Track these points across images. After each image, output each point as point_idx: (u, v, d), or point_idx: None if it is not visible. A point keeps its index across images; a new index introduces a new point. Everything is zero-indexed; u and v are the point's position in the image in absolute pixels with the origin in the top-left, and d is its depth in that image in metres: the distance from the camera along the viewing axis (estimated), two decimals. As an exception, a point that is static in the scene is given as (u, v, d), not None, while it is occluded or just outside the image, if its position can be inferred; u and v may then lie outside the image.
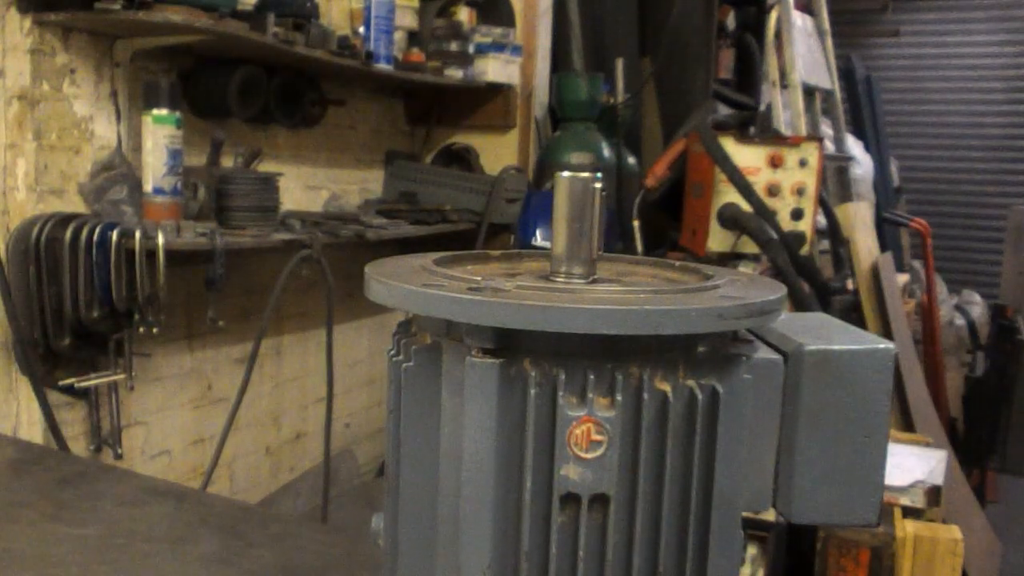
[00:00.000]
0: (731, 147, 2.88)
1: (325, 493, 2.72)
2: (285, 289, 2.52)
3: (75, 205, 2.29)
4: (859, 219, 3.50)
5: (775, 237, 2.78)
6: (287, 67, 2.80)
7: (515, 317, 0.48)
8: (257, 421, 3.04)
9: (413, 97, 3.62)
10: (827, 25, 4.57)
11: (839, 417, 0.55)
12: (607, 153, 3.47)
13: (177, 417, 2.72)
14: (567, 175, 0.56)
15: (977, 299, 5.18)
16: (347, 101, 3.23)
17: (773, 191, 2.91)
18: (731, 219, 2.87)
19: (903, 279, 3.89)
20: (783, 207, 2.92)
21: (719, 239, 2.94)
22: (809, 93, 4.33)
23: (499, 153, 3.57)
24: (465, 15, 3.46)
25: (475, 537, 0.51)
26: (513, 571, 0.52)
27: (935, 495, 1.84)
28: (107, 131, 2.38)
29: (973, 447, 4.07)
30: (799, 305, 2.70)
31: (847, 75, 5.82)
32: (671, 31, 3.63)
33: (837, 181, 4.51)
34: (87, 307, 2.11)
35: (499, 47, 3.42)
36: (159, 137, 2.26)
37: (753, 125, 3.67)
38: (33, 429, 2.24)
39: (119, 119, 2.41)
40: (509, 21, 3.54)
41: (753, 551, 1.83)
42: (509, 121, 3.58)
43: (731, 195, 2.88)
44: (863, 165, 4.90)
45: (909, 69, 7.33)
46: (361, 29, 3.00)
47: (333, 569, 0.95)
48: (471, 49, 3.38)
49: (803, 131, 3.84)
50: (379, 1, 2.95)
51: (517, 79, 3.53)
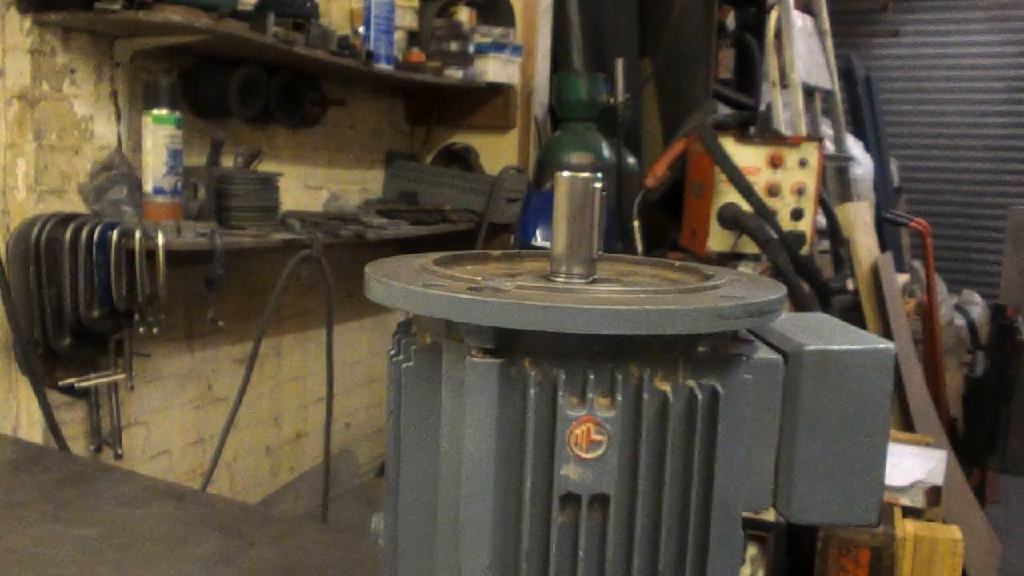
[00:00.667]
0: (731, 147, 2.88)
1: (325, 493, 2.73)
2: (285, 289, 2.52)
3: (75, 205, 2.29)
4: (859, 219, 3.50)
5: (775, 237, 2.78)
6: (287, 67, 2.80)
7: (515, 317, 0.48)
8: (257, 421, 3.04)
9: (413, 97, 3.62)
10: (827, 25, 4.57)
11: (839, 417, 0.55)
12: (607, 153, 3.47)
13: (177, 417, 2.72)
14: (567, 175, 0.56)
15: (977, 299, 5.18)
16: (347, 101, 3.23)
17: (773, 191, 2.91)
18: (731, 219, 2.87)
19: (903, 279, 3.89)
20: (783, 207, 2.92)
21: (719, 239, 2.94)
22: (809, 93, 4.33)
23: (499, 153, 3.57)
24: (465, 15, 3.46)
25: (475, 537, 0.51)
26: (513, 571, 0.52)
27: (935, 495, 1.84)
28: (107, 131, 2.38)
29: (973, 447, 4.07)
30: (799, 305, 2.70)
31: (847, 75, 5.82)
32: (671, 31, 3.63)
33: (837, 181, 4.51)
34: (87, 307, 2.11)
35: (499, 47, 3.42)
36: (159, 137, 2.26)
37: (753, 125, 3.66)
38: (33, 429, 2.24)
39: (119, 119, 2.41)
40: (509, 21, 3.53)
41: (753, 551, 1.83)
42: (509, 121, 3.58)
43: (731, 195, 2.88)
44: (863, 165, 4.90)
45: (909, 69, 7.32)
46: (361, 29, 3.01)
47: (333, 569, 0.95)
48: (471, 49, 3.38)
49: (803, 131, 3.84)
50: (379, 1, 2.95)
51: (517, 79, 3.53)
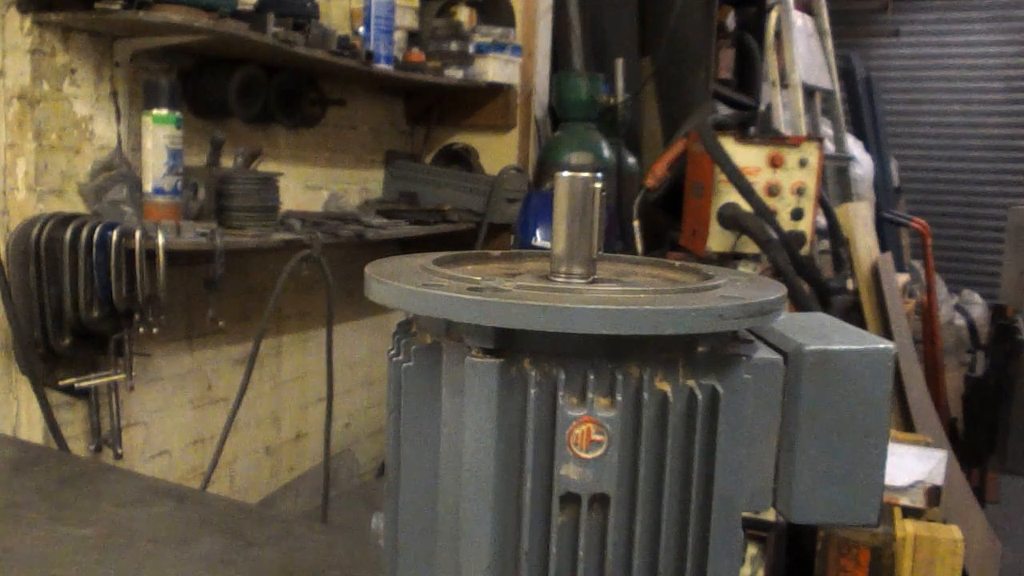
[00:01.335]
0: (731, 147, 2.88)
1: (325, 493, 2.73)
2: (285, 289, 2.52)
3: (75, 205, 2.29)
4: (859, 219, 3.50)
5: (775, 237, 2.78)
6: (287, 67, 2.80)
7: (515, 317, 0.48)
8: (257, 421, 3.04)
9: (413, 97, 3.62)
10: (827, 25, 4.58)
11: (839, 417, 0.55)
12: (607, 153, 3.47)
13: (177, 417, 2.72)
14: (567, 175, 0.56)
15: (977, 299, 5.18)
16: (347, 101, 3.23)
17: (773, 191, 2.91)
18: (731, 219, 2.87)
19: (903, 279, 3.89)
20: (783, 207, 2.92)
21: (719, 239, 2.94)
22: (809, 93, 4.34)
23: (499, 153, 3.57)
24: (465, 15, 3.46)
25: (475, 537, 0.51)
26: (513, 571, 0.52)
27: (935, 495, 1.84)
28: (107, 131, 2.38)
29: (973, 447, 4.06)
30: (799, 305, 2.70)
31: (847, 75, 5.82)
32: (671, 31, 3.63)
33: (837, 181, 4.52)
34: (87, 307, 2.11)
35: (499, 47, 3.42)
36: (159, 137, 2.26)
37: (753, 125, 3.66)
38: (33, 429, 2.24)
39: (119, 119, 2.41)
40: (509, 21, 3.53)
41: (753, 551, 1.83)
42: (509, 121, 3.58)
43: (731, 195, 2.88)
44: (863, 165, 4.90)
45: (909, 69, 7.32)
46: (361, 29, 3.01)
47: (333, 569, 0.95)
48: (471, 49, 3.38)
49: (803, 131, 3.84)
50: (379, 1, 2.95)
51: (517, 79, 3.53)
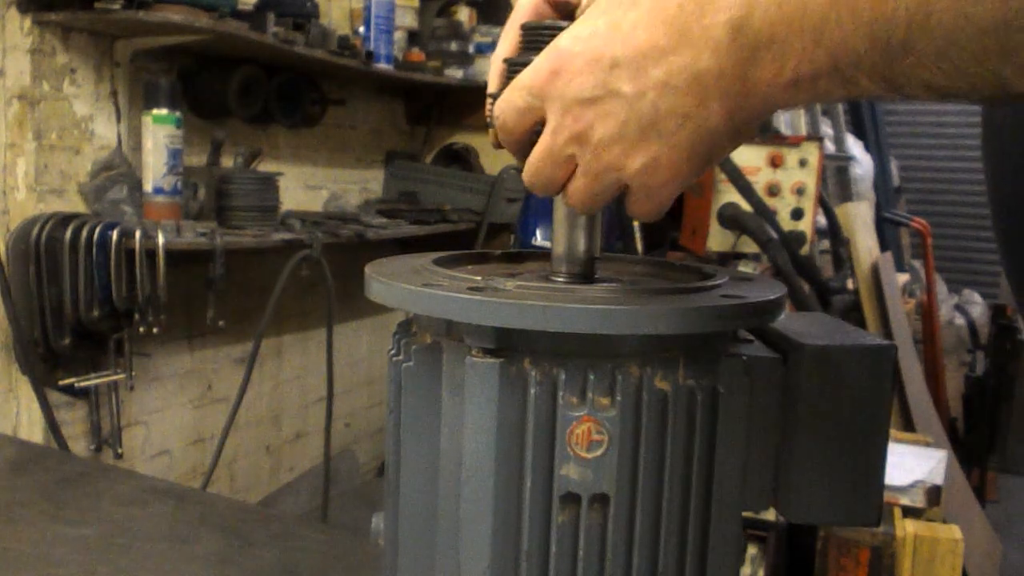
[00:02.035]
0: (731, 147, 2.87)
1: (325, 493, 2.73)
2: (285, 289, 2.51)
3: (75, 205, 2.29)
4: (859, 219, 3.49)
5: (775, 237, 2.78)
6: (287, 67, 2.80)
7: (515, 317, 0.48)
8: (257, 421, 3.03)
9: (413, 97, 3.62)
10: (827, 25, 4.56)
11: (839, 417, 0.55)
12: (607, 153, 3.46)
13: (177, 417, 2.72)
14: (567, 175, 0.56)
15: (977, 299, 5.18)
16: (347, 101, 3.22)
17: (773, 191, 2.90)
18: (731, 219, 2.87)
19: (903, 279, 3.89)
20: (783, 207, 2.91)
21: (719, 239, 2.94)
22: (809, 93, 4.32)
23: (499, 153, 3.55)
24: (465, 15, 3.46)
25: (475, 537, 0.51)
26: (513, 571, 0.52)
27: (935, 495, 1.84)
28: (107, 131, 2.38)
29: (973, 447, 4.06)
30: (799, 305, 2.70)
31: (847, 75, 5.80)
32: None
33: (837, 181, 4.52)
34: (87, 307, 2.11)
35: (499, 47, 3.42)
36: (159, 137, 2.26)
37: (753, 125, 3.65)
38: (33, 429, 2.24)
39: (119, 119, 2.41)
40: (509, 21, 3.53)
41: (753, 551, 1.83)
42: (509, 121, 3.57)
43: (731, 195, 2.87)
44: (863, 165, 4.89)
45: (909, 69, 7.31)
46: (361, 29, 3.01)
47: (333, 569, 0.95)
48: (471, 49, 3.38)
49: (803, 131, 3.84)
50: (379, 1, 2.95)
51: (517, 79, 3.53)
